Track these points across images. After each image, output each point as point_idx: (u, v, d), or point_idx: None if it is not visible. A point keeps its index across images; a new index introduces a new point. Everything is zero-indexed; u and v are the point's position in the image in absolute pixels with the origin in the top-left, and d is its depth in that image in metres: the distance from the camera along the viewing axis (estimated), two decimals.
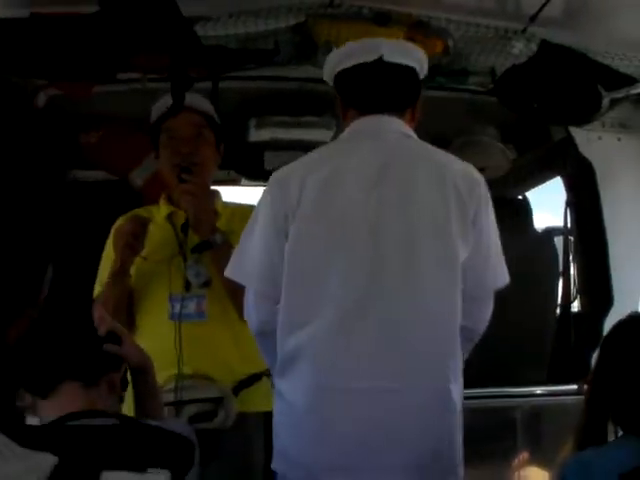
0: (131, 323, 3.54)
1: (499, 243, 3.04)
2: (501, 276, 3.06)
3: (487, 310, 3.08)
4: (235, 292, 3.37)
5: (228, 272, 3.05)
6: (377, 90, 3.06)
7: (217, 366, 3.49)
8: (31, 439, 1.98)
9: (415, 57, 3.13)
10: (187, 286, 3.51)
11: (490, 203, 2.98)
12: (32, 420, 2.32)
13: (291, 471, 2.86)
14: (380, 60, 3.02)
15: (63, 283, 2.01)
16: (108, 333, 2.42)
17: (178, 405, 3.40)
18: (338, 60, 3.12)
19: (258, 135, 4.93)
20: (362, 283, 2.78)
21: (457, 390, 2.87)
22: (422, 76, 3.16)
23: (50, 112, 4.53)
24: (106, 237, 3.64)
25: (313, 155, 3.10)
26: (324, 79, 3.22)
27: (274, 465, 2.92)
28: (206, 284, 3.52)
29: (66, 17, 3.69)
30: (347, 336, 2.77)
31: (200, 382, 3.44)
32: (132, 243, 3.47)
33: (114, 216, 3.69)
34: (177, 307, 3.47)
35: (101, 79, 4.12)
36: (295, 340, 2.84)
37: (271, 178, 3.04)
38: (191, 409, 3.41)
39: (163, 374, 3.31)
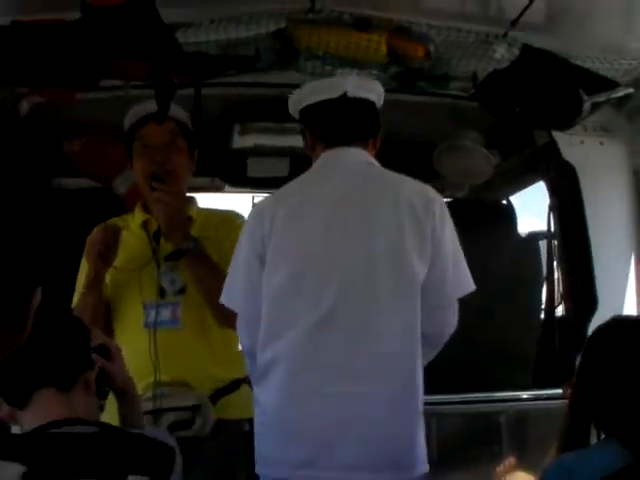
0: (109, 332, 3.54)
1: (460, 253, 3.26)
2: (464, 285, 3.26)
3: (451, 318, 3.27)
4: (212, 299, 3.40)
5: (222, 299, 3.24)
6: (343, 124, 3.34)
7: (194, 373, 3.50)
8: (6, 449, 1.97)
9: (375, 91, 3.40)
10: (162, 293, 3.52)
11: (447, 217, 3.21)
12: (17, 429, 2.32)
13: (271, 471, 3.09)
14: (344, 96, 3.30)
15: (45, 292, 2.00)
16: (99, 345, 2.42)
17: (156, 413, 3.39)
18: (304, 96, 3.38)
19: (241, 142, 4.92)
20: (330, 299, 3.04)
21: (418, 396, 3.10)
22: (379, 106, 3.41)
23: (33, 120, 4.52)
24: None
25: (287, 186, 3.35)
26: (289, 112, 3.47)
27: (257, 469, 3.12)
28: (181, 291, 3.52)
29: (48, 25, 3.68)
30: (316, 346, 3.03)
31: (177, 390, 3.44)
32: (104, 252, 3.49)
33: (98, 224, 3.69)
34: (152, 315, 3.48)
35: (84, 86, 4.11)
36: (271, 351, 3.09)
37: (251, 208, 3.31)
38: (169, 417, 3.41)
39: (141, 382, 3.32)
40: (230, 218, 3.74)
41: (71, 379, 2.26)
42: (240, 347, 3.38)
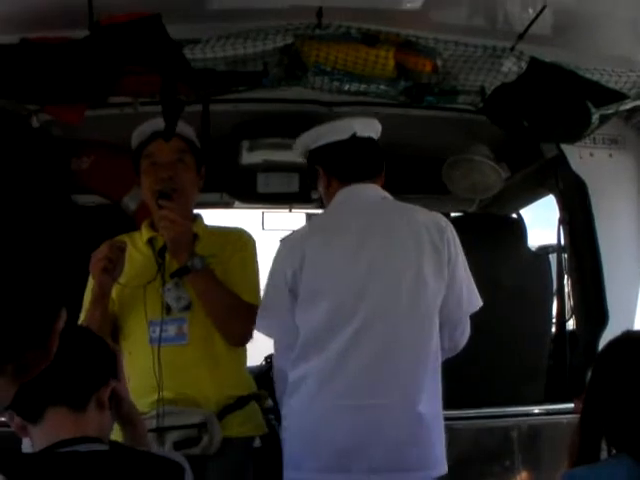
0: None
1: (469, 272, 3.62)
2: (474, 301, 3.64)
3: (466, 331, 3.67)
4: (217, 317, 3.41)
5: (257, 327, 3.54)
6: (357, 163, 3.67)
7: (200, 390, 3.50)
8: (20, 469, 1.97)
9: (376, 129, 3.76)
10: (167, 310, 3.52)
11: (457, 242, 3.57)
12: (27, 442, 2.31)
13: (296, 475, 3.39)
14: (354, 137, 3.65)
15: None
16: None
17: (161, 431, 3.38)
18: (315, 138, 3.70)
19: (250, 157, 4.92)
20: (356, 323, 3.36)
21: (429, 408, 3.42)
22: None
23: (42, 137, 4.53)
24: None
25: (312, 222, 3.84)
26: (295, 152, 3.83)
27: (285, 474, 3.42)
28: (187, 308, 3.52)
29: (56, 43, 3.69)
30: (342, 366, 3.36)
31: (183, 408, 3.44)
32: (109, 268, 3.47)
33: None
34: (157, 331, 3.47)
35: (92, 103, 4.11)
36: (303, 369, 3.42)
37: (280, 243, 3.61)
38: (174, 435, 3.40)
39: (147, 400, 3.32)
40: (236, 236, 3.74)
41: (84, 398, 2.25)
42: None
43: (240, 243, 3.71)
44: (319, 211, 5.16)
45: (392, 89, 3.99)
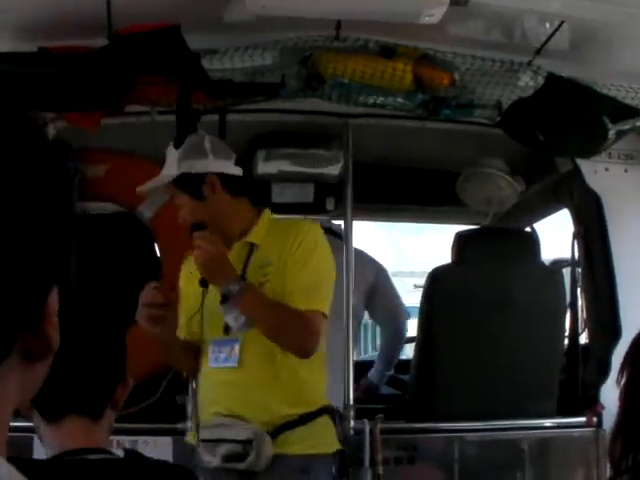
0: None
1: None
2: None
3: None
4: (270, 335, 3.37)
5: None
6: None
7: (252, 407, 3.45)
8: (32, 476, 1.97)
9: None
10: (226, 330, 3.49)
11: None
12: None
13: None
14: None
15: (72, 316, 2.01)
16: None
17: (209, 443, 3.44)
18: None
19: (265, 168, 4.92)
20: None
21: None
22: None
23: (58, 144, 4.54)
24: (117, 269, 3.64)
25: None
26: None
27: None
28: (244, 326, 3.45)
29: (73, 54, 3.71)
30: None
31: (235, 423, 3.43)
32: (155, 314, 3.34)
33: (123, 248, 3.70)
34: (215, 351, 3.49)
35: (109, 111, 4.13)
36: None
37: None
38: (223, 448, 3.41)
39: (208, 410, 3.49)
40: (294, 233, 3.59)
41: (102, 406, 2.23)
42: None
43: (296, 242, 3.52)
44: (333, 222, 5.18)
45: (409, 102, 4.00)
